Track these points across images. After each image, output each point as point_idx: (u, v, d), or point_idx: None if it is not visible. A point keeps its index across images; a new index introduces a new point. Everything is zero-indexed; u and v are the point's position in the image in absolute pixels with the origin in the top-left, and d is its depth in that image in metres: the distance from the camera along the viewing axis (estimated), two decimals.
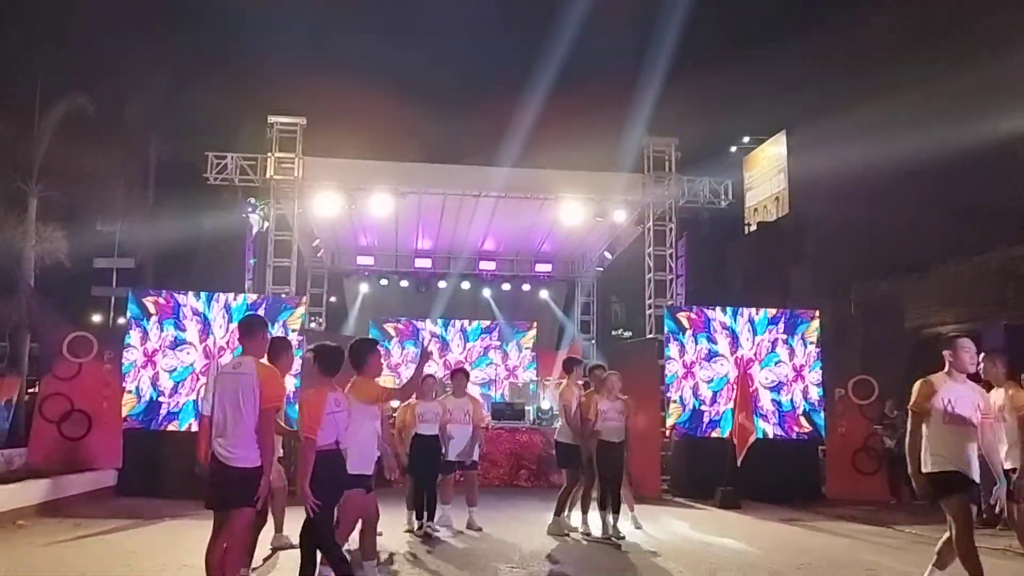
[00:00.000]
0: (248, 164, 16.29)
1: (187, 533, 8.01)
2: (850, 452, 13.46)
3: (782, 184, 37.19)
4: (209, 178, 16.30)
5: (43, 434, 11.90)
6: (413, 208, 17.75)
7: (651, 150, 16.95)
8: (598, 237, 20.29)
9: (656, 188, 16.79)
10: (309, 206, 16.71)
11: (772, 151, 38.60)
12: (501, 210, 18.04)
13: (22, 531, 8.71)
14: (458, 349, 20.01)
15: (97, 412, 12.06)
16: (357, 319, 22.35)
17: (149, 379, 12.54)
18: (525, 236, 20.53)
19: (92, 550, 7.76)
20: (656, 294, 17.16)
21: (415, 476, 9.08)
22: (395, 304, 22.63)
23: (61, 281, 22.73)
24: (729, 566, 7.45)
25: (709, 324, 13.67)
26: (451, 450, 9.32)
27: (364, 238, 21.13)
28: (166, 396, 12.50)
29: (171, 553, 7.47)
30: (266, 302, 13.23)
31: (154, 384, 12.52)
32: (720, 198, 17.24)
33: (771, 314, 13.93)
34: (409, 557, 7.70)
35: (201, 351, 12.63)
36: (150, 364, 12.58)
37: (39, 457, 11.53)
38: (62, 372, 12.20)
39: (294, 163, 16.14)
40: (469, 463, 9.52)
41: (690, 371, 13.53)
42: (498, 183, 16.51)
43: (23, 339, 22.19)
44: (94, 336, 12.63)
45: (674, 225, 17.19)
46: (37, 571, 6.70)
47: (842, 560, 7.82)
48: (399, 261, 22.35)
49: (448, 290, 22.35)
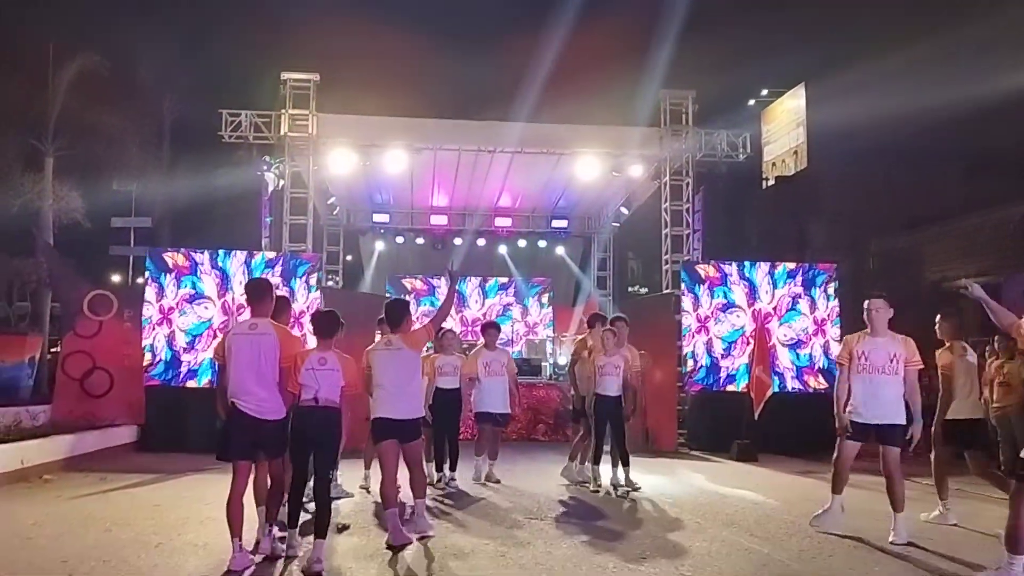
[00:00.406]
0: (262, 121, 16.22)
1: (209, 487, 8.13)
2: None
3: (801, 138, 36.72)
4: (223, 136, 16.25)
5: (66, 391, 12.08)
6: (428, 164, 17.66)
7: (668, 103, 16.70)
8: (614, 192, 20.14)
9: (673, 142, 16.59)
10: (324, 163, 16.65)
11: (791, 104, 38.05)
12: (516, 166, 17.91)
13: (48, 485, 8.88)
14: (476, 306, 20.08)
15: (118, 369, 12.23)
16: (373, 276, 22.40)
17: (165, 337, 12.66)
18: (541, 192, 20.41)
19: (117, 503, 7.90)
20: (673, 249, 17.05)
21: (435, 428, 9.14)
22: (411, 261, 22.66)
23: (79, 241, 22.93)
24: (746, 517, 7.49)
25: (726, 279, 13.63)
26: (487, 402, 9.43)
27: (379, 195, 21.08)
28: (183, 353, 12.64)
29: (194, 507, 7.59)
30: (283, 260, 13.28)
31: (170, 342, 12.65)
32: (738, 151, 17.02)
33: (789, 268, 13.85)
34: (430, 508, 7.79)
35: (219, 307, 12.73)
36: (166, 322, 12.69)
37: (63, 413, 11.71)
38: (83, 330, 12.34)
39: (308, 120, 16.05)
40: (501, 416, 9.59)
41: (704, 325, 13.52)
42: (513, 138, 16.36)
43: (44, 298, 22.44)
44: (114, 295, 12.74)
45: (691, 180, 17.01)
46: (64, 523, 6.83)
47: (858, 510, 7.82)
48: (415, 218, 22.30)
49: (464, 247, 22.32)
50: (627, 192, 19.81)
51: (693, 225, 17.05)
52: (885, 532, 6.67)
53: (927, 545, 6.31)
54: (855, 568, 5.56)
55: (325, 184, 18.91)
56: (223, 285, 12.82)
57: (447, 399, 9.15)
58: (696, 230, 17.15)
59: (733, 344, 13.42)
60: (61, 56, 21.44)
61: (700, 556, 5.91)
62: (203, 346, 12.62)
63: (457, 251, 22.30)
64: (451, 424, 9.22)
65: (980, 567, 5.44)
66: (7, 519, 6.98)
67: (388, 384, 6.36)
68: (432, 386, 9.08)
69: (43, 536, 6.33)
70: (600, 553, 5.95)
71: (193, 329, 12.69)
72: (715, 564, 5.65)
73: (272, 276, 12.86)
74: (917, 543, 6.34)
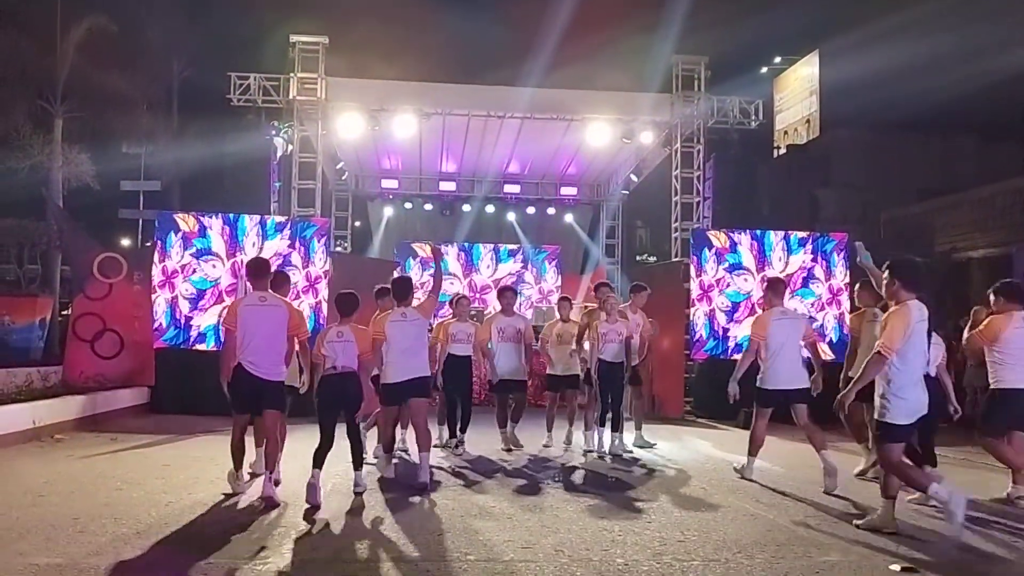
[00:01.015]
0: (271, 85, 16.14)
1: (219, 448, 8.18)
2: None
3: (813, 106, 36.37)
4: (232, 99, 16.17)
5: (77, 353, 12.15)
6: (437, 130, 17.56)
7: (680, 69, 16.54)
8: (624, 159, 20.02)
9: (684, 108, 16.45)
10: (333, 128, 16.59)
11: (804, 72, 37.64)
12: (526, 132, 17.81)
13: (60, 444, 8.98)
14: (488, 271, 20.08)
15: (129, 331, 12.28)
16: (382, 242, 22.40)
17: (167, 301, 12.67)
18: (550, 159, 20.30)
19: (128, 463, 7.99)
20: (682, 217, 16.98)
21: (446, 392, 9.20)
22: (419, 227, 22.65)
23: (89, 204, 22.94)
24: (751, 484, 7.52)
25: (736, 247, 13.56)
26: (501, 370, 9.28)
27: (388, 161, 21.01)
28: (184, 314, 12.63)
29: (204, 467, 7.66)
30: (291, 224, 13.27)
31: (173, 307, 12.64)
32: (750, 118, 16.86)
33: (800, 236, 13.78)
34: (444, 469, 7.85)
35: (228, 268, 12.71)
36: (169, 285, 12.68)
37: (74, 375, 11.81)
38: (93, 292, 12.38)
39: (317, 84, 15.96)
40: (516, 384, 9.44)
41: (707, 294, 13.47)
42: (523, 103, 16.25)
43: (54, 260, 22.50)
44: (123, 257, 12.77)
45: (702, 147, 16.89)
46: (75, 482, 6.91)
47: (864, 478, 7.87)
48: (423, 184, 22.23)
49: (472, 213, 22.27)
50: (637, 159, 19.70)
51: (703, 193, 16.96)
52: None
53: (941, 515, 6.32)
54: (859, 534, 5.58)
55: (334, 149, 18.86)
56: (232, 245, 12.81)
57: (459, 365, 9.09)
58: (706, 198, 17.05)
59: (739, 305, 13.36)
60: (69, 17, 21.30)
61: (706, 521, 5.94)
62: (206, 303, 12.63)
63: (466, 217, 22.26)
64: (463, 388, 9.15)
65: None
66: (19, 477, 7.06)
67: (401, 350, 7.08)
68: (444, 352, 9.08)
69: (55, 494, 6.40)
70: (605, 517, 5.99)
71: (198, 283, 12.68)
72: (721, 529, 5.68)
73: (281, 239, 12.88)
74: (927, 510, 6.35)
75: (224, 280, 12.73)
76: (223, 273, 12.76)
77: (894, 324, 5.44)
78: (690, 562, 4.83)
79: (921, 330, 5.47)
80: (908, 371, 5.43)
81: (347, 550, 4.92)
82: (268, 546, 4.99)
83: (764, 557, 4.96)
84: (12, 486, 6.65)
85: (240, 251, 12.78)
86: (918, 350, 5.48)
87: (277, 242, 12.88)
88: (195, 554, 4.74)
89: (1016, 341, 6.70)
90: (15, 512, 5.73)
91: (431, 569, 4.57)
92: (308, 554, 4.84)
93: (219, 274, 12.76)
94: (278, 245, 12.85)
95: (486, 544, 5.14)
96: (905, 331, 5.39)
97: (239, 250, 12.80)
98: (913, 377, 5.46)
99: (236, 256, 12.77)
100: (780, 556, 4.99)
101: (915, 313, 5.44)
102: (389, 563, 4.68)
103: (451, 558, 4.81)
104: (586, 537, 5.37)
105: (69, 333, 12.54)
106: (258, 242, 12.80)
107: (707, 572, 4.64)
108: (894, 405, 5.43)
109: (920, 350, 5.49)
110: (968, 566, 4.89)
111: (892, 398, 5.43)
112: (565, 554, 4.94)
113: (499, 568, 4.62)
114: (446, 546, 5.08)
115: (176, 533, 5.25)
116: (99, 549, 4.86)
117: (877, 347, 5.50)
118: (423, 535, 5.34)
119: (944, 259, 19.90)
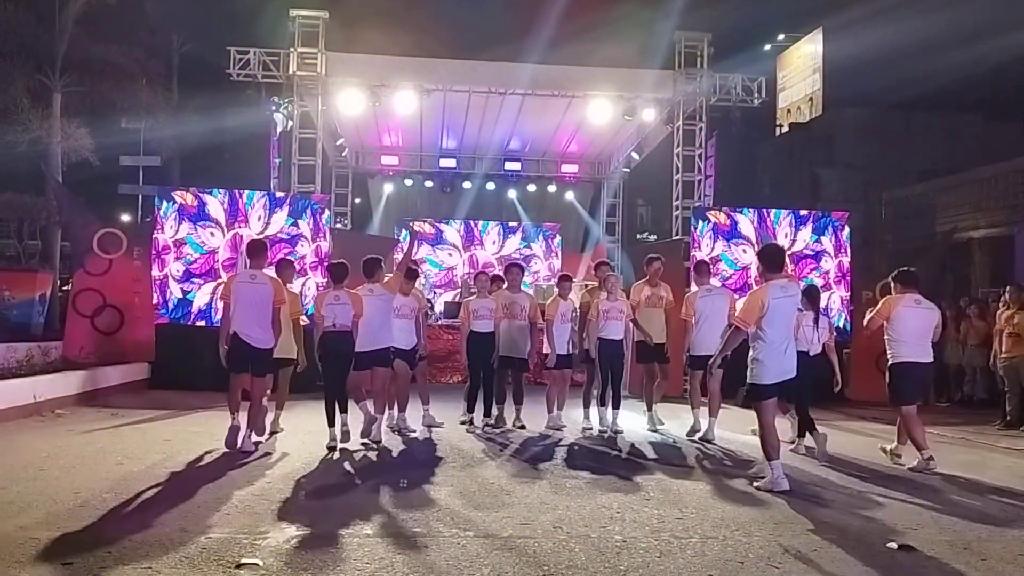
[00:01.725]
0: (271, 60, 15.99)
1: (219, 424, 8.20)
2: (875, 354, 13.41)
3: (816, 84, 36.18)
4: (232, 74, 16.04)
5: (77, 328, 12.18)
6: (438, 106, 17.45)
7: (683, 45, 16.36)
8: (626, 137, 19.92)
9: (687, 85, 16.32)
10: (333, 104, 16.48)
11: (807, 49, 37.41)
12: (527, 109, 17.69)
13: (61, 419, 9.01)
14: (493, 247, 20.08)
15: (129, 307, 12.29)
16: (382, 219, 22.33)
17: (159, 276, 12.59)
18: (551, 136, 20.20)
19: (128, 437, 8.02)
20: (684, 195, 16.90)
21: (471, 371, 9.28)
22: (420, 205, 22.57)
23: (88, 179, 22.88)
24: (748, 460, 7.55)
25: (736, 226, 13.53)
26: (504, 347, 9.22)
27: (388, 137, 20.90)
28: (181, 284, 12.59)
29: (204, 442, 7.69)
30: (291, 199, 13.22)
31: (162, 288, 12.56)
32: (753, 96, 16.71)
33: (802, 215, 13.75)
34: (455, 449, 7.88)
35: (227, 241, 12.61)
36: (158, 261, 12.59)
37: (74, 350, 11.83)
38: (93, 268, 12.38)
39: (317, 59, 15.81)
40: (519, 362, 9.37)
41: None
42: (524, 80, 16.11)
43: (54, 236, 22.47)
44: (123, 233, 12.75)
45: (704, 124, 16.76)
46: (76, 456, 6.94)
47: (862, 456, 7.90)
48: (424, 161, 22.12)
49: (473, 191, 22.19)
50: (639, 137, 19.59)
51: (705, 171, 16.86)
52: (888, 476, 6.75)
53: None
54: (857, 512, 5.61)
55: (334, 125, 18.75)
56: (231, 216, 12.72)
57: (481, 342, 9.12)
58: (708, 176, 16.96)
59: (735, 273, 13.37)
60: None
61: (704, 499, 5.96)
62: (199, 268, 12.55)
63: (466, 195, 22.18)
64: (487, 364, 9.16)
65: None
66: (20, 451, 7.09)
67: (366, 322, 7.88)
68: (467, 329, 9.16)
69: (55, 467, 6.43)
70: (604, 494, 6.01)
71: (196, 248, 12.61)
72: (718, 507, 5.70)
73: (279, 213, 12.82)
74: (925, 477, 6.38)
75: (222, 253, 12.64)
76: (221, 244, 12.65)
77: (750, 301, 6.39)
78: (688, 539, 4.85)
79: (781, 306, 6.24)
80: (771, 340, 6.21)
81: (345, 526, 4.94)
82: (267, 521, 5.01)
83: (762, 535, 4.98)
84: (13, 460, 6.67)
85: (243, 224, 12.70)
86: (779, 323, 6.24)
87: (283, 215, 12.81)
88: (194, 528, 4.77)
89: (906, 320, 7.41)
90: (16, 486, 5.75)
91: (429, 544, 4.59)
92: (306, 529, 4.86)
93: (217, 243, 12.64)
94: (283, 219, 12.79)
95: (484, 520, 5.16)
96: (761, 308, 6.18)
97: (238, 222, 12.70)
98: (777, 346, 6.24)
99: (235, 228, 12.68)
100: (778, 534, 5.02)
101: (773, 291, 6.22)
102: (387, 538, 4.70)
103: (450, 534, 4.83)
104: (584, 514, 5.39)
105: (69, 309, 12.55)
106: (263, 216, 12.75)
107: (705, 549, 4.66)
108: (759, 368, 6.26)
109: (781, 323, 6.26)
110: (966, 543, 4.91)
111: (758, 363, 6.26)
112: (563, 531, 4.96)
113: (497, 544, 4.64)
114: (445, 522, 5.10)
115: (176, 507, 5.27)
116: (99, 523, 4.88)
117: (733, 321, 6.78)
118: (421, 511, 5.36)
119: (945, 239, 19.83)
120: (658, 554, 4.54)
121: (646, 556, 4.49)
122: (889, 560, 4.56)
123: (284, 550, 4.43)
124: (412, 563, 4.27)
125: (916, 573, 4.33)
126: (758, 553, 4.59)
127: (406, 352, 8.71)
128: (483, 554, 4.44)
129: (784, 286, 6.32)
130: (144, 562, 4.14)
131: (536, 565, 4.27)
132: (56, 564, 4.09)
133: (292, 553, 4.38)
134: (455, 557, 4.38)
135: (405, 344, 8.69)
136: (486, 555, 4.43)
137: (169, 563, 4.14)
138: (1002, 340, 10.52)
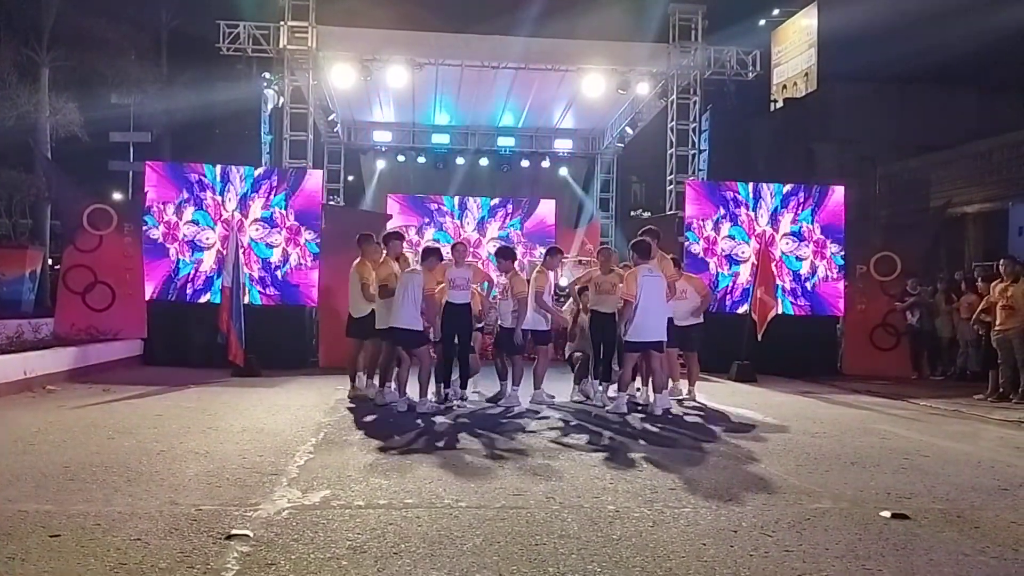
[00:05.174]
0: (261, 34, 15.83)
1: (212, 399, 8.20)
2: (868, 328, 13.46)
3: (812, 59, 35.96)
4: (222, 48, 15.87)
5: (68, 305, 12.10)
6: (430, 81, 17.32)
7: (677, 18, 16.27)
8: (620, 111, 19.82)
9: (681, 58, 16.22)
10: (324, 78, 16.33)
11: (802, 24, 37.16)
12: (520, 83, 17.58)
13: (52, 395, 8.97)
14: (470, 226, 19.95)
15: (120, 284, 12.21)
16: (374, 195, 22.19)
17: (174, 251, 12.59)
18: (544, 111, 20.08)
19: (120, 413, 7.97)
20: (678, 169, 16.85)
21: (444, 345, 9.00)
22: (412, 181, 22.41)
23: (78, 155, 22.67)
24: (744, 434, 7.55)
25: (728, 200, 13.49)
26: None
27: (380, 113, 20.76)
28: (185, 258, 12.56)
29: (196, 417, 7.66)
30: (278, 172, 13.12)
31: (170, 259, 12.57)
32: (747, 69, 16.62)
33: (793, 187, 13.72)
34: (450, 422, 7.87)
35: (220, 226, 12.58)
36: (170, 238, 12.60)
37: (65, 327, 11.76)
38: (83, 244, 12.28)
39: (307, 32, 15.66)
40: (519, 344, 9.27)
41: (711, 248, 13.43)
42: (517, 53, 16.00)
43: (44, 212, 22.31)
44: (113, 209, 12.64)
45: (698, 98, 16.67)
46: (67, 431, 6.89)
47: (855, 429, 7.91)
48: (416, 137, 21.99)
49: (466, 167, 22.06)
50: (633, 111, 19.50)
51: (699, 145, 16.80)
52: (881, 448, 6.75)
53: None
54: (850, 483, 5.61)
55: (325, 100, 18.60)
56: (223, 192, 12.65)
57: (456, 313, 8.81)
58: (702, 150, 16.89)
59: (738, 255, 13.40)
60: None
61: (697, 470, 5.95)
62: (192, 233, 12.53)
63: (459, 171, 22.04)
64: (463, 338, 9.00)
65: None
66: (10, 426, 7.04)
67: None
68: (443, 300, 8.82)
69: (46, 443, 6.38)
70: (597, 465, 6.00)
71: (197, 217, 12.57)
72: (711, 477, 5.69)
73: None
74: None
75: (217, 229, 12.57)
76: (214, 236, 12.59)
77: (628, 281, 8.49)
78: (681, 509, 4.84)
79: (648, 284, 8.39)
80: (641, 310, 8.32)
81: (336, 497, 4.92)
82: (258, 493, 4.98)
83: (755, 504, 4.97)
84: (2, 435, 6.63)
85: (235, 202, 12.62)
86: (647, 296, 8.34)
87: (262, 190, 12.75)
88: (184, 501, 4.73)
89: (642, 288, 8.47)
90: (5, 460, 5.71)
91: (422, 516, 4.57)
92: (297, 500, 4.83)
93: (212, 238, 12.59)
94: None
95: (477, 491, 5.14)
96: (635, 285, 8.32)
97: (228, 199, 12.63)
98: (644, 314, 8.33)
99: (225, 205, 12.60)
100: (771, 504, 5.01)
101: (642, 272, 8.45)
102: (380, 509, 4.68)
103: (442, 504, 4.81)
104: (577, 485, 5.37)
105: (59, 286, 12.47)
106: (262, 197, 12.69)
107: (698, 519, 4.64)
108: (632, 330, 8.38)
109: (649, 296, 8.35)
110: (959, 512, 4.91)
111: (631, 325, 8.37)
112: (556, 501, 4.95)
113: (490, 515, 4.62)
114: (437, 492, 5.08)
115: (166, 481, 5.23)
116: (89, 496, 4.85)
117: (621, 296, 8.55)
118: (414, 482, 5.33)
119: (939, 213, 19.80)
120: (651, 523, 4.52)
121: (639, 525, 4.47)
122: (882, 528, 4.55)
123: (275, 521, 4.40)
124: (404, 533, 4.24)
125: (909, 541, 4.32)
126: (751, 522, 4.58)
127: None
128: (475, 524, 4.42)
129: (651, 268, 8.52)
130: (133, 533, 4.11)
131: (529, 535, 4.25)
132: (44, 536, 4.05)
133: (283, 524, 4.35)
134: (447, 527, 4.35)
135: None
136: (478, 525, 4.41)
137: (158, 534, 4.11)
138: (995, 312, 10.51)
